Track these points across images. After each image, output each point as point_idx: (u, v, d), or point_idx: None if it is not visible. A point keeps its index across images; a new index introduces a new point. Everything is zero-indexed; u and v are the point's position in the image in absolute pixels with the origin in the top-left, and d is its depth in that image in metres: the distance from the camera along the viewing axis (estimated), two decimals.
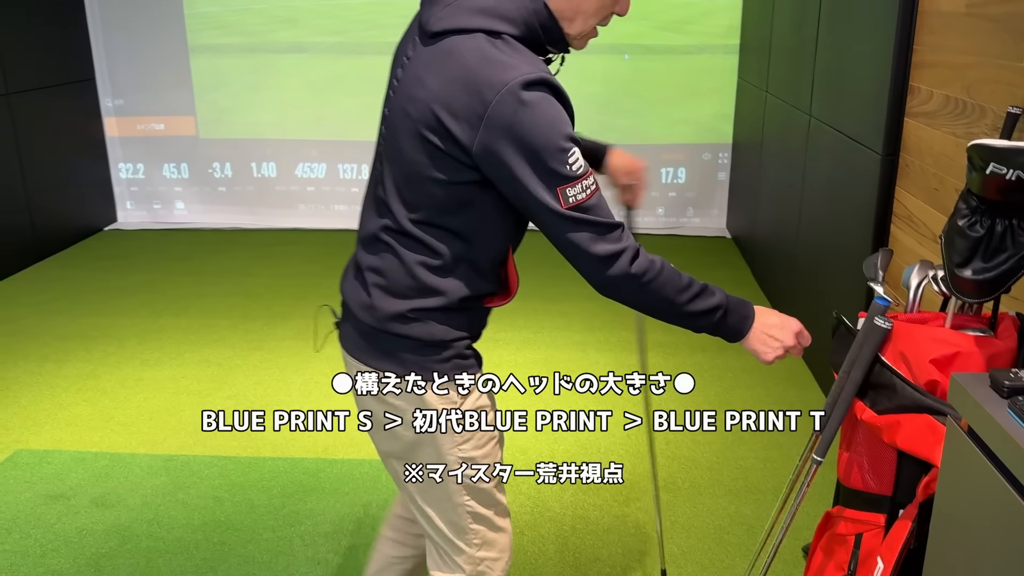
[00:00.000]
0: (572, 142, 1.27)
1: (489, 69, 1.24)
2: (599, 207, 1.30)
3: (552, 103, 1.26)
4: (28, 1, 4.76)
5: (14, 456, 2.85)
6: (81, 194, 5.33)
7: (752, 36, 4.73)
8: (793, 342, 1.43)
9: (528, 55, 1.30)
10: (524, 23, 1.31)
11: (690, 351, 3.61)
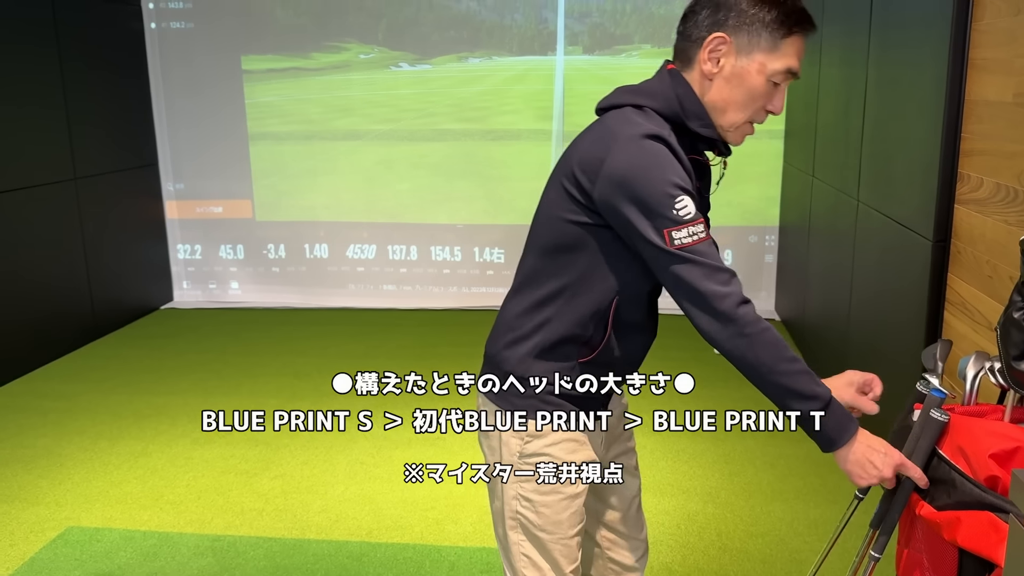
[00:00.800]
0: (682, 191, 1.35)
1: (621, 126, 1.41)
2: (707, 252, 1.36)
3: (666, 154, 1.38)
4: (99, 90, 5.03)
5: (65, 533, 2.88)
6: (140, 274, 5.51)
7: (797, 122, 4.78)
8: (890, 474, 1.41)
9: (660, 122, 1.43)
10: (664, 98, 1.46)
11: (741, 437, 3.54)
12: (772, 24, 1.40)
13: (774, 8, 1.41)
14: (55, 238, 4.70)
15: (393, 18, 5.44)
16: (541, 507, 1.55)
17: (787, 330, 4.97)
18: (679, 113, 1.45)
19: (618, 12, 5.27)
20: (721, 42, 1.42)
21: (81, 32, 4.84)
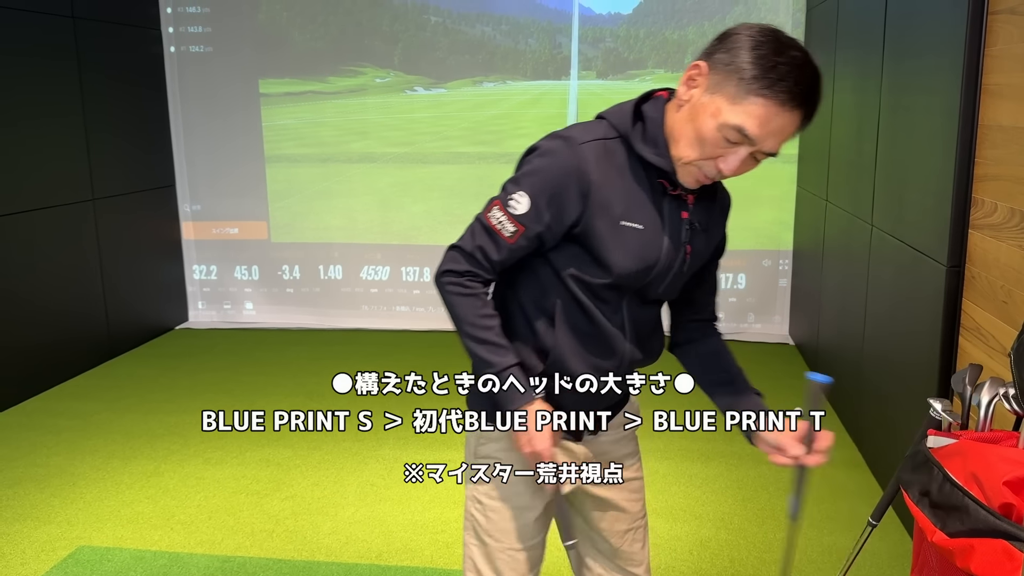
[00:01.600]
0: (531, 193, 1.41)
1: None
2: (488, 238, 1.44)
3: (557, 159, 1.40)
4: (118, 113, 5.10)
5: (77, 552, 2.89)
6: (155, 294, 5.55)
7: (811, 146, 4.78)
8: (528, 451, 1.47)
9: (603, 132, 1.43)
10: (620, 113, 1.46)
11: (755, 462, 3.52)
12: (748, 75, 1.30)
13: (762, 64, 1.30)
14: (73, 258, 4.75)
15: (409, 43, 5.50)
16: (490, 512, 1.58)
17: (801, 354, 4.95)
18: (627, 130, 1.44)
19: (631, 37, 5.30)
20: (699, 72, 1.36)
21: (101, 55, 4.91)
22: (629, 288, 1.49)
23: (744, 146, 1.33)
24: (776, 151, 1.35)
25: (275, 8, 5.47)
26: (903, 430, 2.93)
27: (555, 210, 1.41)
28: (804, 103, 1.30)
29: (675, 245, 1.48)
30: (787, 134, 1.33)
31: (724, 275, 5.39)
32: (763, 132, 1.31)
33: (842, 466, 3.47)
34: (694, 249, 1.51)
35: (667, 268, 1.48)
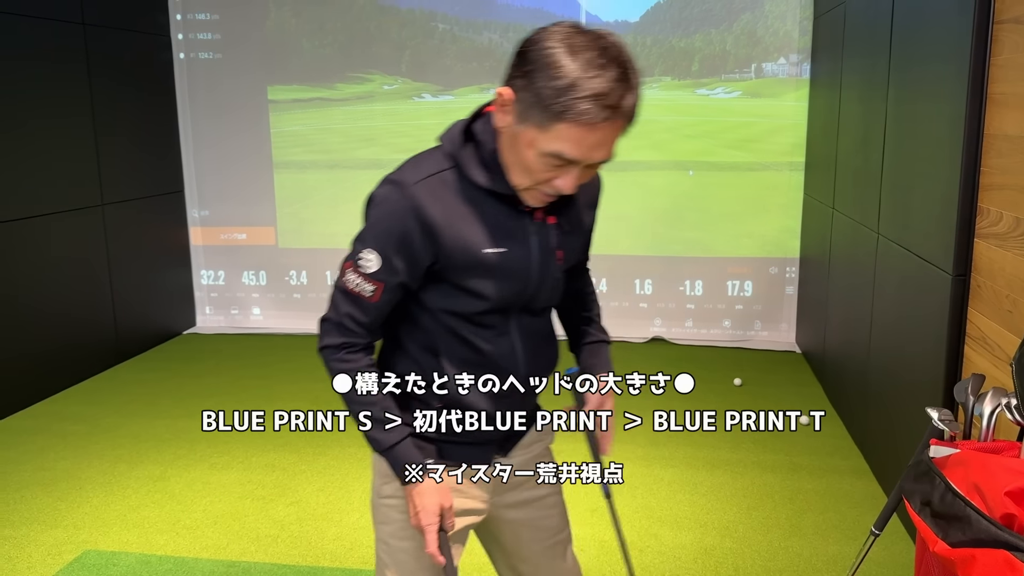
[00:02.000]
0: (377, 248, 1.39)
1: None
2: (354, 310, 1.43)
3: (392, 207, 1.37)
4: (127, 119, 5.14)
5: (82, 557, 2.90)
6: (163, 299, 5.58)
7: (817, 154, 4.78)
8: (415, 524, 1.48)
9: (437, 164, 1.39)
10: (451, 138, 1.42)
11: (760, 471, 3.51)
12: (547, 101, 1.22)
13: (558, 87, 1.21)
14: (82, 263, 4.78)
15: (416, 50, 5.53)
16: (398, 552, 1.58)
17: (807, 362, 4.94)
18: (459, 156, 1.39)
19: (638, 44, 5.31)
20: (504, 99, 1.30)
21: (111, 61, 4.95)
22: (512, 308, 1.47)
23: (572, 166, 1.30)
24: (608, 158, 1.30)
25: (284, 15, 5.50)
26: (908, 439, 2.92)
27: (406, 258, 1.39)
28: (615, 112, 1.24)
29: (545, 255, 1.46)
30: (612, 139, 1.29)
31: (730, 282, 5.39)
32: (582, 151, 1.26)
33: (847, 475, 3.46)
34: (566, 251, 1.51)
35: (543, 278, 1.48)
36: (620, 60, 1.25)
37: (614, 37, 1.28)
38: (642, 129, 5.88)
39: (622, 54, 1.26)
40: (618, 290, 5.50)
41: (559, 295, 1.55)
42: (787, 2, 5.08)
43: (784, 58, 5.14)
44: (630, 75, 1.25)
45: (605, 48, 1.24)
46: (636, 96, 1.27)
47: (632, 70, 1.26)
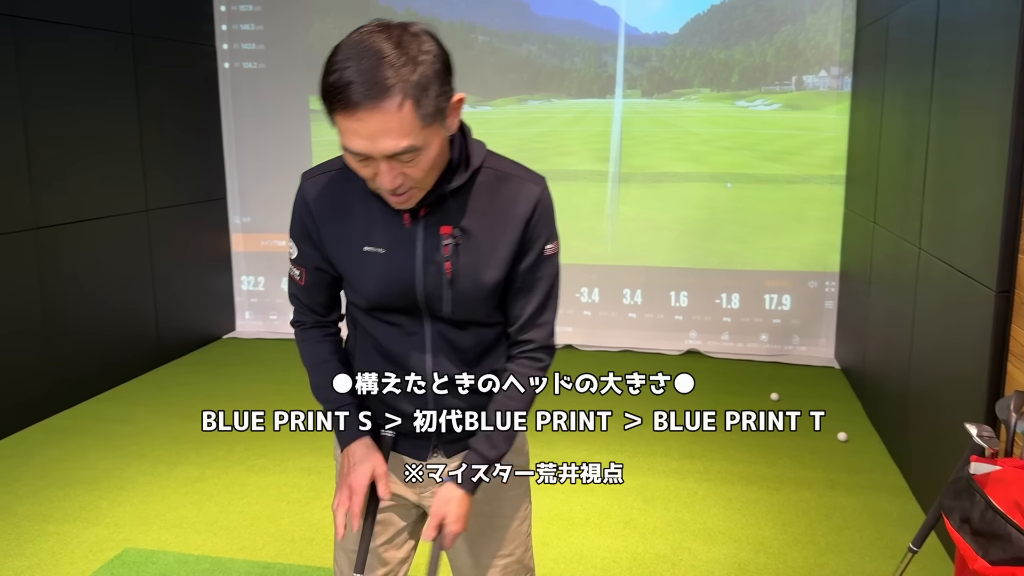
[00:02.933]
0: (292, 236, 1.53)
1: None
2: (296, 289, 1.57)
3: (296, 199, 1.50)
4: (173, 126, 5.25)
5: (123, 554, 2.96)
6: (204, 303, 5.67)
7: (858, 168, 4.73)
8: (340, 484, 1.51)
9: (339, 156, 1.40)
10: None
11: (796, 487, 3.48)
12: (321, 95, 1.25)
13: (322, 83, 1.24)
14: (127, 266, 4.89)
15: (456, 61, 5.54)
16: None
17: (846, 378, 4.87)
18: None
19: (677, 56, 5.31)
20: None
21: (158, 70, 5.06)
22: (412, 311, 1.46)
23: (372, 160, 1.27)
24: (394, 150, 1.24)
25: (326, 27, 5.59)
26: (948, 456, 2.87)
27: (308, 245, 1.50)
28: (368, 96, 1.19)
29: (428, 264, 1.42)
30: (390, 129, 1.22)
31: (768, 296, 5.35)
32: (362, 143, 1.24)
33: (885, 492, 3.41)
34: (458, 265, 1.42)
35: (428, 287, 1.43)
36: (367, 44, 1.22)
37: (381, 25, 1.25)
38: (679, 140, 5.90)
39: (374, 39, 1.22)
40: (653, 302, 5.49)
41: (474, 312, 1.47)
42: (829, 15, 5.04)
43: (825, 70, 5.11)
44: (368, 57, 1.20)
45: (361, 36, 1.24)
46: (388, 87, 1.19)
47: (371, 51, 1.21)
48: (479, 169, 1.42)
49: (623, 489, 3.44)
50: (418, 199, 1.36)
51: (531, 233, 1.44)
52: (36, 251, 4.20)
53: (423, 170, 1.30)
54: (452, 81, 1.30)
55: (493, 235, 1.43)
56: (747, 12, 5.20)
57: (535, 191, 1.44)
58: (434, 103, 1.25)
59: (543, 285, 1.50)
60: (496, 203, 1.43)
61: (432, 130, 1.27)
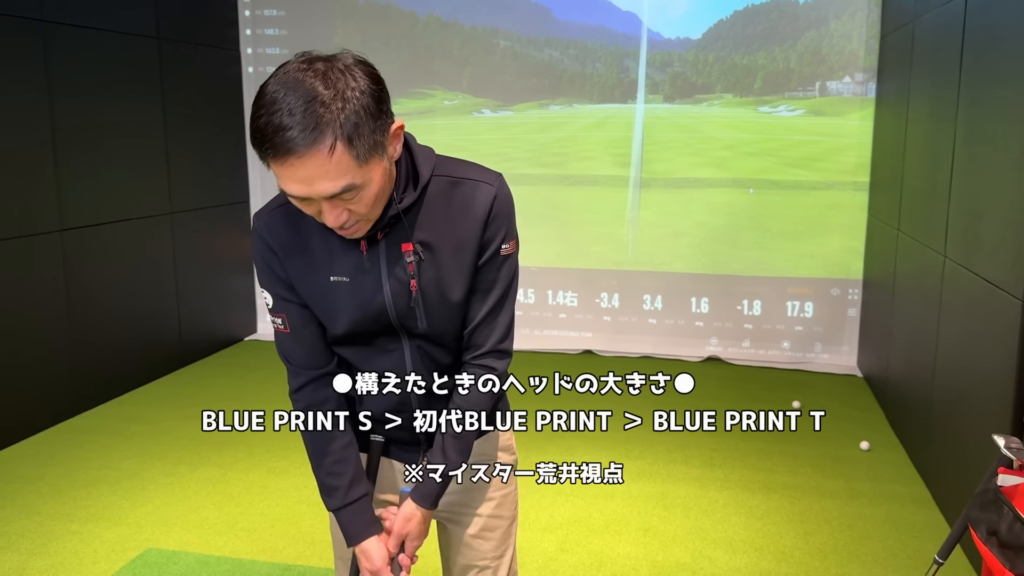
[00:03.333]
0: (263, 285, 1.47)
1: None
2: (283, 344, 1.51)
3: (254, 240, 1.46)
4: (196, 130, 5.30)
5: (145, 554, 2.98)
6: (226, 306, 5.72)
7: (883, 174, 4.69)
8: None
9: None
10: None
11: (818, 496, 3.45)
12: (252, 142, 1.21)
13: (251, 128, 1.20)
14: (150, 269, 4.93)
15: (478, 66, 5.59)
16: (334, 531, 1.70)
17: (869, 386, 4.83)
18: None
19: (700, 62, 5.30)
20: None
21: (182, 74, 5.11)
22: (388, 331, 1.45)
23: (313, 200, 1.24)
24: (332, 192, 1.21)
25: (350, 32, 5.62)
26: (974, 467, 2.84)
27: (279, 285, 1.45)
28: (298, 143, 1.16)
29: (397, 283, 1.40)
30: (325, 172, 1.19)
31: (790, 303, 5.31)
32: (298, 187, 1.21)
33: (909, 502, 3.37)
34: (424, 280, 1.40)
35: (405, 305, 1.42)
36: (293, 84, 1.17)
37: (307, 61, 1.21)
38: (701, 146, 5.88)
39: (300, 78, 1.18)
40: (673, 308, 5.47)
41: (450, 323, 1.46)
42: (853, 21, 5.01)
43: (849, 77, 5.07)
44: (296, 99, 1.16)
45: (287, 75, 1.19)
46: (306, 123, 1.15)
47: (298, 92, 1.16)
48: (430, 179, 1.40)
49: (643, 496, 3.43)
50: (367, 229, 1.34)
51: (488, 233, 1.41)
52: (61, 252, 4.25)
53: (367, 205, 1.27)
54: (388, 110, 1.26)
55: (454, 243, 1.40)
56: (770, 17, 5.17)
57: (490, 191, 1.41)
58: (369, 139, 1.21)
59: (499, 287, 1.46)
60: (452, 210, 1.40)
61: (370, 166, 1.23)
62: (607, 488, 3.49)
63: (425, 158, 1.41)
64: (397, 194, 1.35)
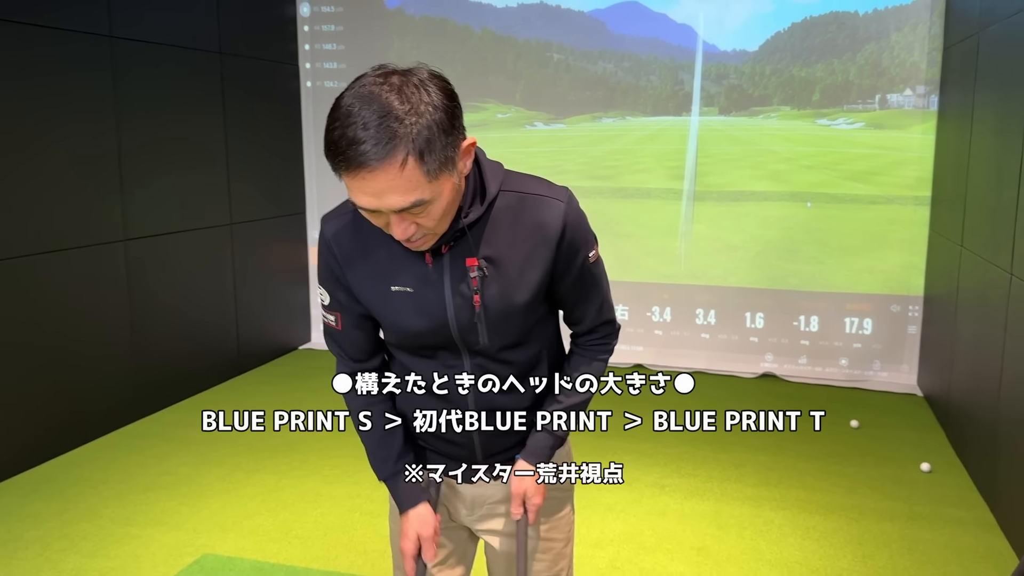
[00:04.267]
0: (320, 281, 1.52)
1: None
2: (334, 338, 1.56)
3: (318, 243, 1.49)
4: (256, 143, 5.41)
5: (201, 560, 3.04)
6: (282, 315, 5.81)
7: (945, 189, 4.58)
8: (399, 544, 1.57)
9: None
10: None
11: (877, 518, 3.36)
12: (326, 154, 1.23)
13: (325, 140, 1.23)
14: (210, 278, 5.04)
15: (531, 79, 5.61)
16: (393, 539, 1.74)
17: (930, 406, 4.70)
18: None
19: (756, 74, 5.24)
20: None
21: (243, 88, 5.23)
22: (448, 345, 1.45)
23: (382, 212, 1.26)
24: (401, 206, 1.22)
25: (405, 46, 5.69)
26: None
27: (340, 289, 1.48)
28: (370, 156, 1.17)
29: (458, 298, 1.40)
30: (396, 186, 1.20)
31: (848, 319, 5.21)
32: (368, 200, 1.23)
33: (971, 526, 3.27)
34: (488, 295, 1.40)
35: (467, 320, 1.42)
36: (368, 98, 1.19)
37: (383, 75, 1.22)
38: (757, 159, 5.81)
39: (375, 92, 1.19)
40: (727, 323, 5.40)
41: (511, 336, 1.45)
42: (915, 32, 4.91)
43: (911, 89, 4.97)
44: (370, 113, 1.17)
45: (362, 88, 1.20)
46: (379, 137, 1.16)
47: (373, 106, 1.17)
48: (497, 194, 1.40)
49: (696, 515, 3.38)
50: (433, 242, 1.35)
51: (566, 251, 1.42)
52: (125, 262, 4.37)
53: (434, 219, 1.28)
54: (461, 126, 1.26)
55: (521, 259, 1.40)
56: (829, 30, 5.10)
57: (559, 208, 1.41)
58: (440, 155, 1.21)
59: (598, 289, 1.53)
60: (520, 226, 1.40)
61: (440, 181, 1.23)
62: (660, 505, 3.45)
63: (493, 173, 1.41)
64: (464, 209, 1.35)
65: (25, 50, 3.75)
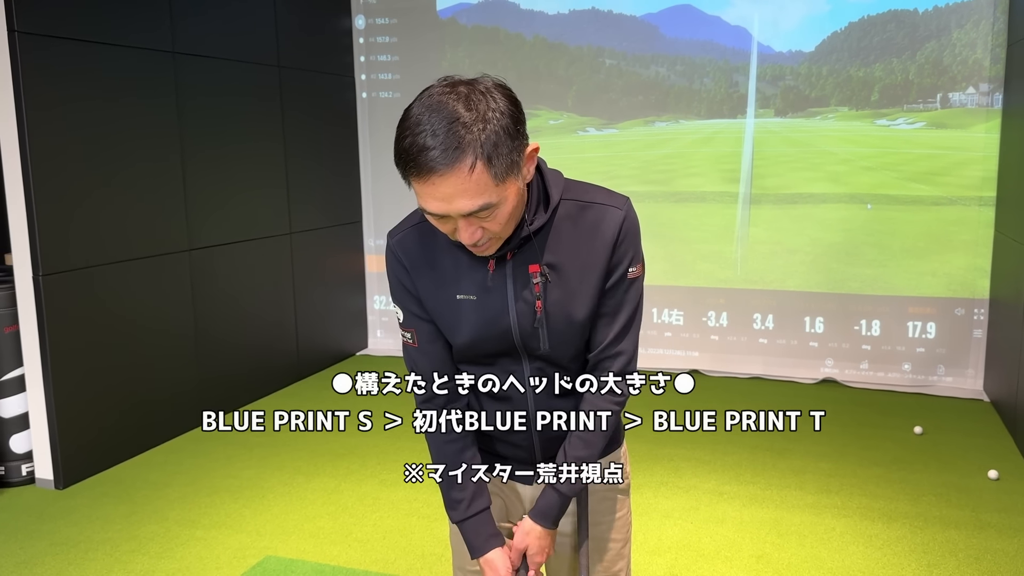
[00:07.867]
0: (395, 298, 1.53)
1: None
2: (412, 357, 1.56)
3: (386, 259, 1.52)
4: (314, 153, 5.52)
5: (264, 562, 3.10)
6: (340, 322, 5.91)
7: (1011, 188, 4.45)
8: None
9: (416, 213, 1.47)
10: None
11: (942, 526, 3.28)
12: (396, 162, 1.27)
13: (395, 148, 1.27)
14: (271, 286, 5.16)
15: (583, 85, 5.62)
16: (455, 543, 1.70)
17: (997, 412, 4.57)
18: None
19: (813, 75, 5.17)
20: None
21: (301, 100, 5.34)
22: (511, 352, 1.47)
23: (450, 218, 1.29)
24: (470, 210, 1.25)
25: (458, 55, 5.75)
26: None
27: (410, 301, 1.50)
28: (440, 162, 1.21)
29: (523, 303, 1.43)
30: (465, 190, 1.24)
31: (911, 323, 5.09)
32: (438, 205, 1.26)
33: None
34: (550, 301, 1.42)
35: (529, 326, 1.43)
36: (436, 107, 1.23)
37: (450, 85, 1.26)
38: (815, 160, 5.73)
39: (443, 100, 1.23)
40: (786, 328, 5.32)
41: (572, 344, 1.48)
42: (977, 29, 4.79)
43: (973, 87, 4.85)
44: (439, 120, 1.21)
45: (430, 98, 1.25)
46: (448, 143, 1.21)
47: (441, 114, 1.22)
48: (559, 202, 1.43)
49: (756, 522, 3.34)
50: (497, 247, 1.38)
51: (616, 255, 1.44)
52: (189, 271, 4.49)
53: (500, 223, 1.31)
54: (524, 131, 1.31)
55: (582, 266, 1.43)
56: (887, 29, 5.00)
57: (618, 215, 1.44)
58: (507, 159, 1.25)
59: (626, 310, 1.49)
60: (580, 233, 1.43)
61: (506, 185, 1.27)
62: (718, 513, 3.42)
63: (555, 181, 1.44)
64: (528, 216, 1.38)
65: (93, 69, 3.89)
